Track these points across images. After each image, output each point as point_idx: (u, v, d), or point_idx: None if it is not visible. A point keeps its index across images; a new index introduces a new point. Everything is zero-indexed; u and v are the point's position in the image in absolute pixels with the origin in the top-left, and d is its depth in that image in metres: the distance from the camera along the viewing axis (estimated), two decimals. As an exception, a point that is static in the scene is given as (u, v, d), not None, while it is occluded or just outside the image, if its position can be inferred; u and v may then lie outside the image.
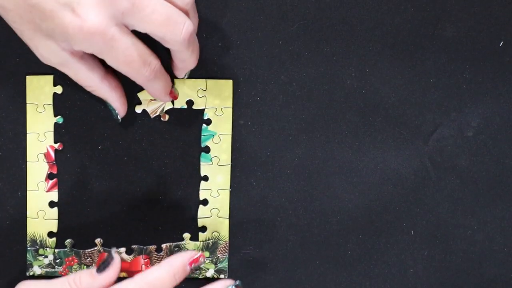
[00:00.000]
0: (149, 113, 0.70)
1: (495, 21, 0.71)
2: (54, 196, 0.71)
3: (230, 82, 0.70)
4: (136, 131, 0.70)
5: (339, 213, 0.72)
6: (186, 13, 0.63)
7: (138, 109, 0.70)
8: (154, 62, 0.63)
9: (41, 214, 0.70)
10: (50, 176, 0.70)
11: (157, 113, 0.70)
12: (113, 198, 0.71)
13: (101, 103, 0.69)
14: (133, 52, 0.61)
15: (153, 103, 0.70)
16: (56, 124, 0.70)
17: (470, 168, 0.72)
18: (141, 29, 0.61)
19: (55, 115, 0.70)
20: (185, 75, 0.69)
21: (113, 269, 0.64)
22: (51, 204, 0.71)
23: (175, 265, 0.64)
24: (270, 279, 0.72)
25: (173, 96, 0.69)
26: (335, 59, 0.71)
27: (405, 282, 0.73)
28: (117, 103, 0.67)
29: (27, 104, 0.70)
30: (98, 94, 0.66)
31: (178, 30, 0.61)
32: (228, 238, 0.72)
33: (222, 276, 0.72)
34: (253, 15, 0.70)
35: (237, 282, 0.66)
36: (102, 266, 0.64)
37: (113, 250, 0.65)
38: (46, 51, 0.63)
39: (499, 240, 0.72)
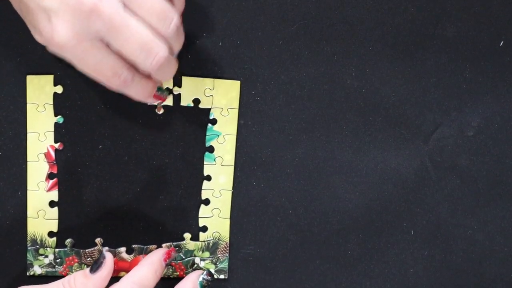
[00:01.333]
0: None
1: (495, 21, 0.71)
2: (54, 196, 0.71)
3: (237, 83, 0.70)
4: (137, 130, 0.70)
5: (340, 213, 0.72)
6: (167, 38, 0.62)
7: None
8: (125, 73, 0.62)
9: (41, 214, 0.70)
10: (50, 176, 0.70)
11: (155, 103, 0.70)
12: (114, 198, 0.71)
13: (100, 103, 0.69)
14: (103, 66, 0.61)
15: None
16: (56, 124, 0.70)
17: (471, 168, 0.72)
18: (114, 49, 0.61)
19: (56, 115, 0.70)
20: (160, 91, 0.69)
21: (106, 268, 0.66)
22: (52, 203, 0.71)
23: (155, 262, 0.68)
24: (271, 279, 0.72)
25: (159, 98, 0.69)
26: (335, 58, 0.71)
27: (405, 282, 0.73)
28: None
29: (28, 104, 0.70)
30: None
31: (149, 59, 0.61)
32: (228, 239, 0.72)
33: (222, 276, 0.72)
34: (253, 15, 0.70)
35: (204, 273, 0.70)
36: (95, 266, 0.66)
37: (105, 249, 0.67)
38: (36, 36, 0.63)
39: (499, 240, 0.73)
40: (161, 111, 0.70)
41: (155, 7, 0.60)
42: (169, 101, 0.70)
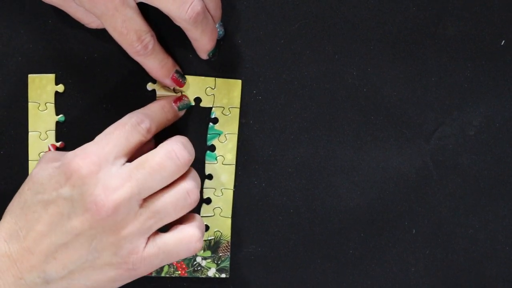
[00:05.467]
0: (157, 96, 0.70)
1: (497, 20, 0.71)
2: (55, 195, 0.71)
3: (239, 82, 0.70)
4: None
5: (341, 212, 0.72)
6: None
7: (149, 87, 0.70)
8: (148, 39, 0.64)
9: (43, 213, 0.70)
10: (51, 175, 0.70)
11: (172, 87, 0.70)
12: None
13: (102, 102, 0.69)
14: (130, 25, 0.63)
15: (164, 89, 0.70)
16: (57, 123, 0.70)
17: (472, 167, 0.72)
18: (148, 1, 0.63)
19: (57, 114, 0.70)
20: (210, 55, 0.68)
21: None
22: (53, 203, 0.71)
23: (162, 100, 0.68)
24: (272, 278, 0.72)
25: (177, 82, 0.69)
26: (336, 58, 0.71)
27: (406, 281, 0.73)
28: None
29: (29, 103, 0.70)
30: (99, 26, 0.67)
31: (183, 7, 0.63)
32: (230, 238, 0.72)
33: (223, 275, 0.72)
34: (254, 14, 0.70)
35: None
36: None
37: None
38: None
39: (501, 239, 0.73)
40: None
41: None
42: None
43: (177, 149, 0.63)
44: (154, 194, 0.62)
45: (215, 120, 0.71)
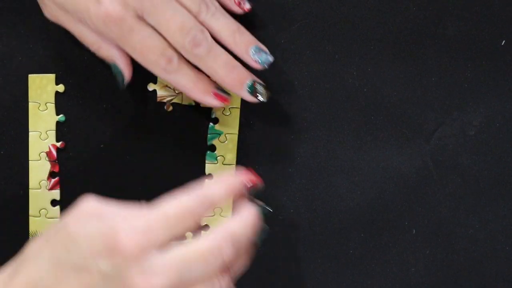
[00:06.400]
0: (157, 96, 0.70)
1: (497, 20, 0.71)
2: (56, 194, 0.71)
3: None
4: (138, 129, 0.70)
5: (341, 212, 0.72)
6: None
7: (150, 87, 0.70)
8: (170, 52, 0.63)
9: (43, 213, 0.71)
10: (52, 175, 0.70)
11: (164, 100, 0.70)
12: (116, 197, 0.70)
13: (102, 102, 0.69)
14: (150, 43, 0.63)
15: (165, 90, 0.70)
16: (58, 123, 0.70)
17: (472, 167, 0.72)
18: (156, 29, 0.63)
19: (57, 114, 0.70)
20: (251, 92, 0.65)
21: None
22: (53, 202, 0.71)
23: (229, 179, 0.59)
24: (272, 278, 0.72)
25: (221, 98, 0.66)
26: (337, 58, 0.71)
27: (406, 281, 0.73)
28: (123, 60, 0.66)
29: (29, 103, 0.70)
30: (103, 53, 0.66)
31: (187, 37, 0.63)
32: (230, 237, 0.72)
33: (223, 275, 0.72)
34: (254, 14, 0.70)
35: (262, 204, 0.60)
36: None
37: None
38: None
39: (501, 239, 0.73)
40: (170, 109, 0.70)
41: None
42: (177, 98, 0.70)
43: (224, 246, 0.57)
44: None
45: (215, 120, 0.71)
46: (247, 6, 0.67)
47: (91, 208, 0.55)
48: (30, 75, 0.70)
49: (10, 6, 0.69)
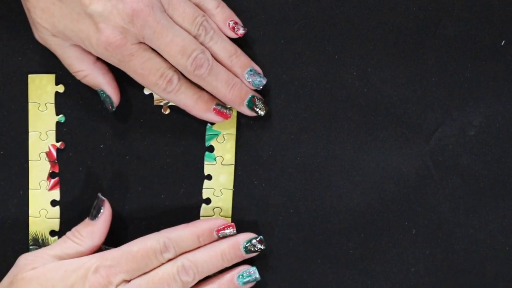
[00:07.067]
0: (154, 100, 0.70)
1: (497, 20, 0.71)
2: (56, 195, 0.71)
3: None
4: (138, 129, 0.70)
5: (341, 212, 0.72)
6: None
7: (146, 91, 0.70)
8: (171, 74, 0.65)
9: (43, 213, 0.70)
10: (52, 175, 0.70)
11: (161, 103, 0.70)
12: (115, 197, 0.71)
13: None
14: (150, 66, 0.64)
15: None
16: (58, 123, 0.70)
17: (472, 167, 0.72)
18: (158, 52, 0.65)
19: (57, 114, 0.70)
20: (249, 107, 0.68)
21: (107, 209, 0.67)
22: (53, 203, 0.71)
23: (201, 228, 0.67)
24: (272, 278, 0.72)
25: (221, 115, 0.68)
26: (336, 58, 0.71)
27: (406, 281, 0.73)
28: (110, 87, 0.68)
29: (29, 103, 0.70)
30: (90, 80, 0.67)
31: (189, 60, 0.64)
32: (229, 237, 0.72)
33: (223, 275, 0.72)
34: (254, 14, 0.70)
35: (260, 237, 0.69)
36: (94, 211, 0.67)
37: (99, 195, 0.67)
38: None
39: (501, 239, 0.72)
40: (167, 112, 0.70)
41: (187, 12, 0.65)
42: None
43: (184, 274, 0.65)
44: None
45: (213, 121, 0.71)
46: (241, 31, 0.68)
47: (55, 255, 0.66)
48: (29, 75, 0.70)
49: (10, 6, 0.69)
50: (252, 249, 0.68)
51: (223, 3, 0.68)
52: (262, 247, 0.68)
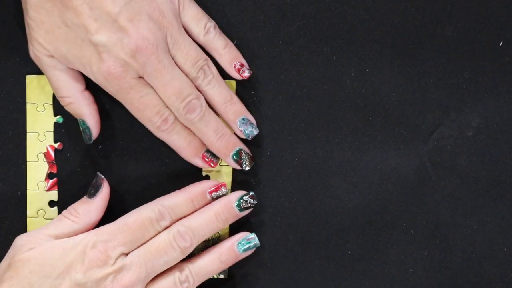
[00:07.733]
0: None
1: (495, 21, 0.71)
2: (54, 195, 0.71)
3: (233, 83, 0.70)
4: (136, 130, 0.70)
5: (339, 213, 0.72)
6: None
7: None
8: (167, 113, 0.66)
9: (41, 214, 0.70)
10: (50, 176, 0.70)
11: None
12: (113, 198, 0.71)
13: (100, 103, 0.69)
14: (148, 101, 0.65)
15: None
16: (56, 124, 0.70)
17: (470, 168, 0.72)
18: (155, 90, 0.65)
19: (55, 115, 0.70)
20: (236, 160, 0.69)
21: (105, 188, 0.67)
22: (51, 203, 0.71)
23: (193, 192, 0.68)
24: (270, 279, 0.72)
25: (208, 163, 0.69)
26: (335, 59, 0.71)
27: (404, 282, 0.73)
28: (92, 119, 0.68)
29: (27, 104, 0.70)
30: (73, 109, 0.67)
31: (183, 103, 0.65)
32: (228, 238, 0.72)
33: (221, 276, 0.72)
34: (253, 15, 0.70)
35: (251, 193, 0.69)
36: (93, 190, 0.67)
37: (98, 173, 0.67)
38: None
39: (499, 240, 0.73)
40: None
41: (190, 54, 0.65)
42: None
43: (181, 239, 0.65)
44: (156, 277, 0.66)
45: (213, 121, 0.71)
46: (246, 74, 0.69)
47: (45, 236, 0.66)
48: (28, 76, 0.70)
49: (9, 6, 0.69)
50: (245, 206, 0.68)
51: (231, 43, 0.68)
52: (255, 202, 0.68)
